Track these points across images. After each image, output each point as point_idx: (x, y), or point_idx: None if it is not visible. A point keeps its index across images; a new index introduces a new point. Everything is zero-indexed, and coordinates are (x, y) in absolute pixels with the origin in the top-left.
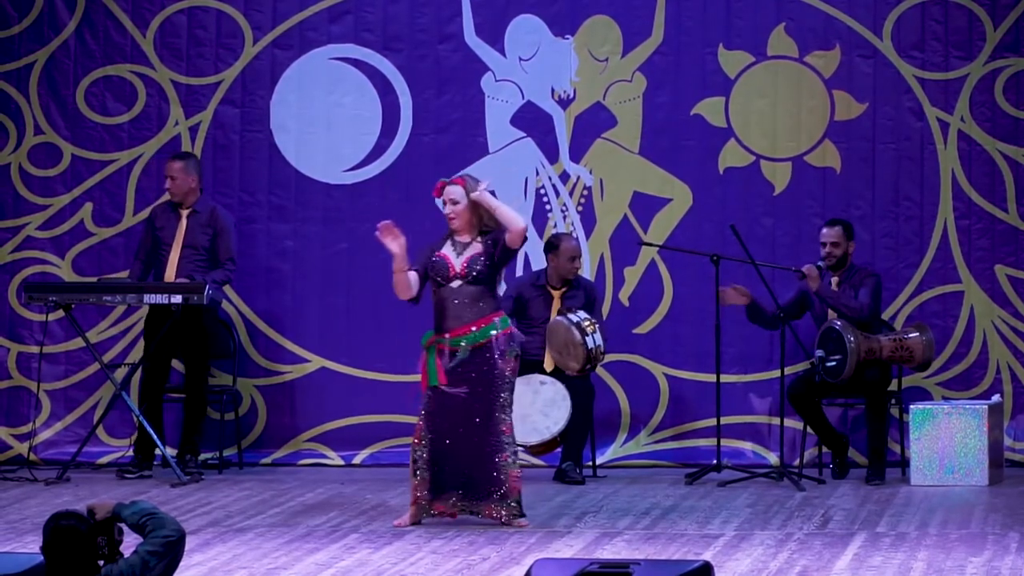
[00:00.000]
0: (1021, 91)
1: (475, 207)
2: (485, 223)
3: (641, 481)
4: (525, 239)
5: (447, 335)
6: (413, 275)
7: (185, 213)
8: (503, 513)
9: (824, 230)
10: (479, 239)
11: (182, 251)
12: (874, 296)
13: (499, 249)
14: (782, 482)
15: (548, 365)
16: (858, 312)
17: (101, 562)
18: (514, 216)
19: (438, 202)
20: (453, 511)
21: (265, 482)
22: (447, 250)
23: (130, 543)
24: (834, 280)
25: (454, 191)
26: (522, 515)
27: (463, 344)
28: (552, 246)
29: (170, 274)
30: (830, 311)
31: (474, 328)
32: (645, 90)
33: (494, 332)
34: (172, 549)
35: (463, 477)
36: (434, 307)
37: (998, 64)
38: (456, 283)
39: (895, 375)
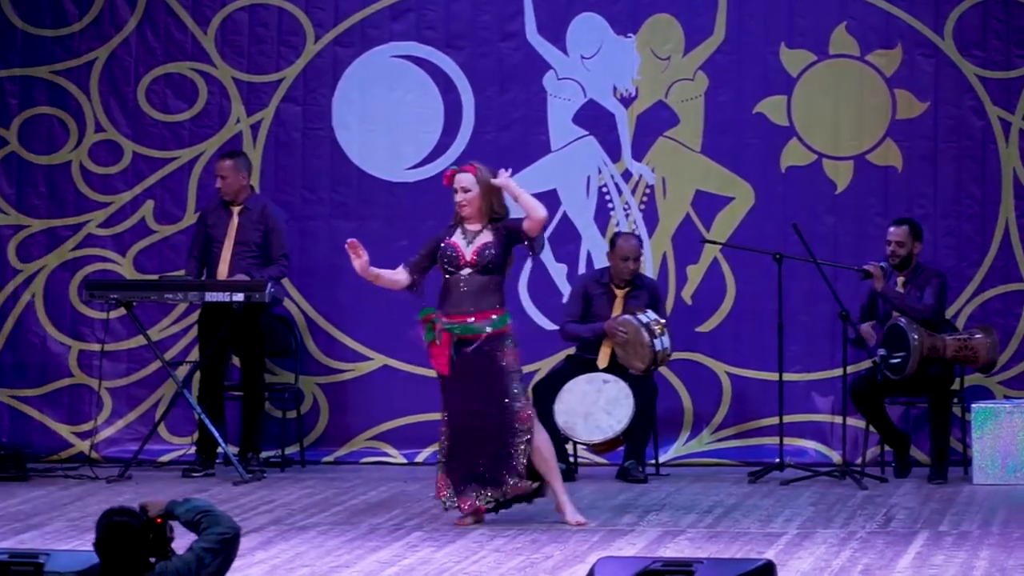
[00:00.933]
0: None
1: (487, 195)
2: (495, 210)
3: (704, 479)
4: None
5: (443, 318)
6: (399, 272)
7: (236, 210)
8: (515, 484)
9: (891, 228)
10: (489, 227)
11: (234, 248)
12: (939, 296)
13: (512, 236)
14: (844, 480)
15: (602, 362)
16: (923, 313)
17: (154, 559)
18: (537, 204)
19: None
20: (480, 506)
21: (327, 480)
22: (457, 238)
23: (182, 543)
24: (900, 280)
25: (465, 179)
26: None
27: (456, 331)
28: (612, 245)
29: (223, 271)
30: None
31: (470, 320)
32: (707, 89)
33: (489, 329)
34: (227, 546)
35: (479, 467)
36: (441, 288)
37: None
38: (466, 271)
39: (957, 374)
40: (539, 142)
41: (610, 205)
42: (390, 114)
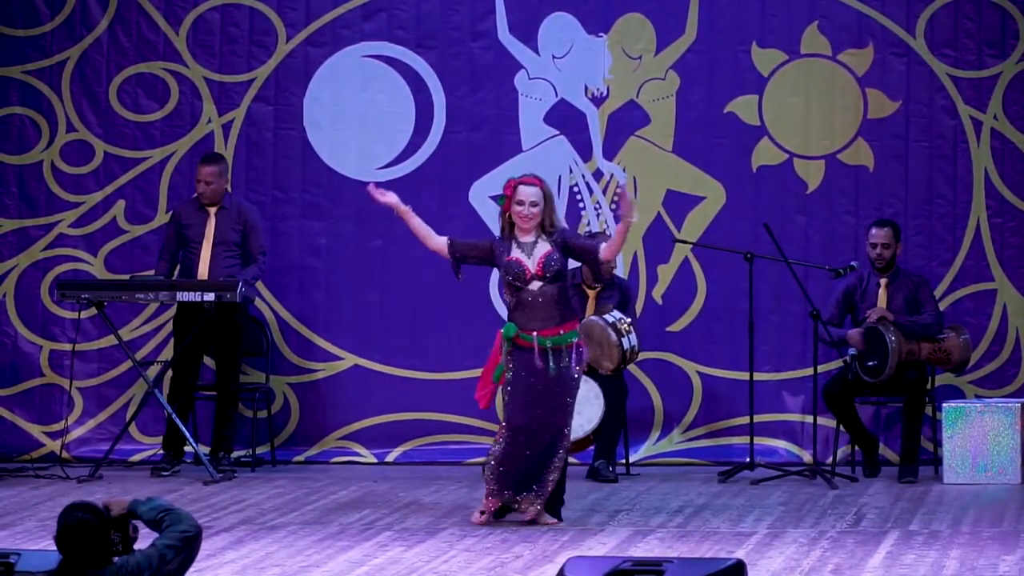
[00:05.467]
0: None
1: (549, 209)
2: (547, 225)
3: (674, 479)
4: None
5: (535, 333)
6: (442, 239)
7: (213, 211)
8: (534, 506)
9: (873, 230)
10: (543, 238)
11: (214, 248)
12: (937, 305)
13: (571, 253)
14: (815, 480)
15: None
16: (935, 330)
17: (116, 559)
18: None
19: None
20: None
21: (298, 480)
22: (516, 253)
23: (145, 544)
24: (883, 282)
25: (533, 193)
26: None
27: (549, 344)
28: None
29: (203, 271)
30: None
31: (561, 331)
32: (678, 88)
33: (575, 339)
34: (189, 544)
35: (522, 474)
36: (513, 307)
37: None
38: (535, 284)
39: (928, 373)
40: (510, 142)
41: (581, 205)
42: (361, 114)
